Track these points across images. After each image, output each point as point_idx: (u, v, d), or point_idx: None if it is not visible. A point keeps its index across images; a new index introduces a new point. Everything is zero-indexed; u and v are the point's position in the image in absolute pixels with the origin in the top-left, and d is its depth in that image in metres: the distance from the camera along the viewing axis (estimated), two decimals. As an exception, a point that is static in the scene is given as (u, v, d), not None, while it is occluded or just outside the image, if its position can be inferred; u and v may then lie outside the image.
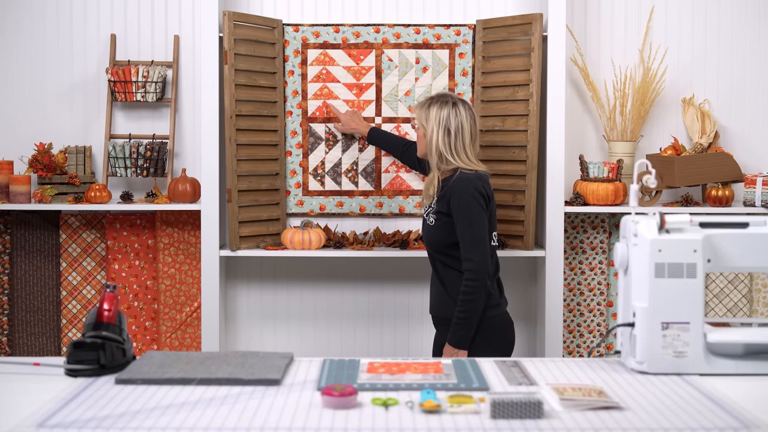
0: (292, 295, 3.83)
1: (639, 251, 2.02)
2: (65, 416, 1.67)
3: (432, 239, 2.95)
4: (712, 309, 3.65)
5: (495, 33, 3.62)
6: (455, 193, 2.86)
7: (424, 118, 2.96)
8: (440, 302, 2.98)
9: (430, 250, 2.98)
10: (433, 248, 2.96)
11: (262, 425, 1.63)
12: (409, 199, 3.73)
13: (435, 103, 2.95)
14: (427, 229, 2.97)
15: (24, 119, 3.76)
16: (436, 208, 2.93)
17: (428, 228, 2.96)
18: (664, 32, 3.78)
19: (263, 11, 3.74)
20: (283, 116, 3.70)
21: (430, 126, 2.94)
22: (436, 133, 2.93)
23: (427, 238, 2.97)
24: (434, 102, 2.95)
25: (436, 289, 3.01)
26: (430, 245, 2.97)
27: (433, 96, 2.99)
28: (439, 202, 2.92)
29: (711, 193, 3.58)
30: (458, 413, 1.70)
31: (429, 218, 2.96)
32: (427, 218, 2.97)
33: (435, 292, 3.02)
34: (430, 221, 2.95)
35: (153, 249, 3.75)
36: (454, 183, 2.89)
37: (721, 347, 2.03)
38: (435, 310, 3.03)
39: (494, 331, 2.90)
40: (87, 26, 3.76)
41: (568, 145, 3.69)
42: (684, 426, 1.63)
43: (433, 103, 2.95)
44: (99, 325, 2.03)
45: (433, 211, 2.93)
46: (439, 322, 3.02)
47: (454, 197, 2.86)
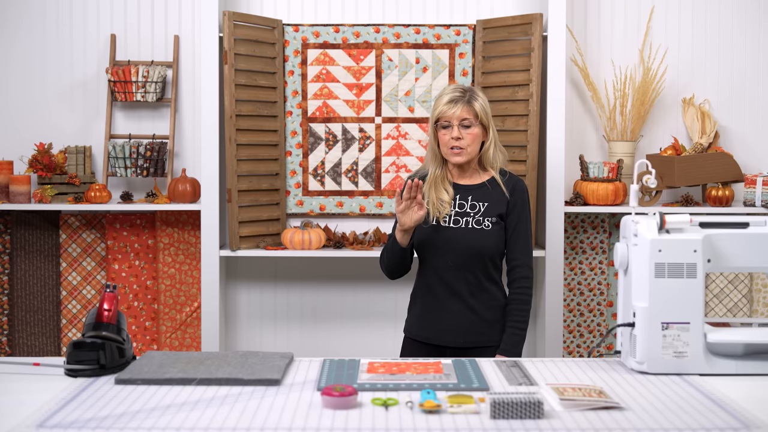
0: (292, 295, 3.83)
1: (639, 251, 2.02)
2: (65, 416, 1.67)
3: (486, 246, 2.61)
4: (712, 309, 3.65)
5: (495, 33, 3.62)
6: (521, 194, 2.67)
7: (483, 113, 2.64)
8: (470, 329, 2.62)
9: (478, 260, 2.62)
10: (485, 257, 2.62)
11: (262, 425, 1.62)
12: (409, 199, 3.73)
13: (479, 93, 2.68)
14: (479, 235, 2.61)
15: (24, 119, 3.76)
16: (493, 212, 2.63)
17: (482, 234, 2.61)
18: (664, 32, 3.77)
19: (263, 11, 3.74)
20: (283, 116, 3.70)
21: (490, 119, 2.67)
22: (493, 127, 2.69)
23: (478, 245, 2.61)
24: (478, 92, 2.67)
25: (455, 313, 2.63)
26: (482, 253, 2.61)
27: (465, 87, 2.67)
28: (496, 205, 2.64)
29: (711, 193, 3.58)
30: (458, 413, 1.70)
31: (484, 222, 2.62)
32: (477, 223, 2.62)
33: (456, 318, 2.63)
34: (485, 225, 2.62)
35: (153, 249, 3.75)
36: (519, 184, 2.69)
37: (721, 347, 2.03)
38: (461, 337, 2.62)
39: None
40: (87, 26, 3.76)
41: (568, 145, 3.69)
42: (684, 426, 1.62)
43: (480, 93, 2.68)
44: (99, 325, 2.03)
45: (489, 215, 2.63)
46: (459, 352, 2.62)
47: (520, 198, 2.66)
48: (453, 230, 2.64)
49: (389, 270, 2.72)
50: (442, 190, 2.67)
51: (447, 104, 2.63)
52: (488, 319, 2.64)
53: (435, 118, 2.66)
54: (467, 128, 2.62)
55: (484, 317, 2.63)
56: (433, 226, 2.65)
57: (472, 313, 2.63)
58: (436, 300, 2.66)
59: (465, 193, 2.68)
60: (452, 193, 2.67)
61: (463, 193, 2.68)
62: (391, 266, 2.70)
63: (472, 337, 2.62)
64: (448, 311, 2.64)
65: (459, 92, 2.64)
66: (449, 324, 2.63)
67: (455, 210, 2.65)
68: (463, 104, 2.61)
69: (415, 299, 2.75)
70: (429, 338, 2.65)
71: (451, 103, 2.62)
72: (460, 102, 2.62)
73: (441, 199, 2.65)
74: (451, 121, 2.62)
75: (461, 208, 2.65)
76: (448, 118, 2.62)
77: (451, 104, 2.62)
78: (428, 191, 2.68)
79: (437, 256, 2.64)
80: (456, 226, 2.64)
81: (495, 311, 2.65)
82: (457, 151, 2.63)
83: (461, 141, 2.62)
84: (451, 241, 2.62)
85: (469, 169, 2.70)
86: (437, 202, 2.65)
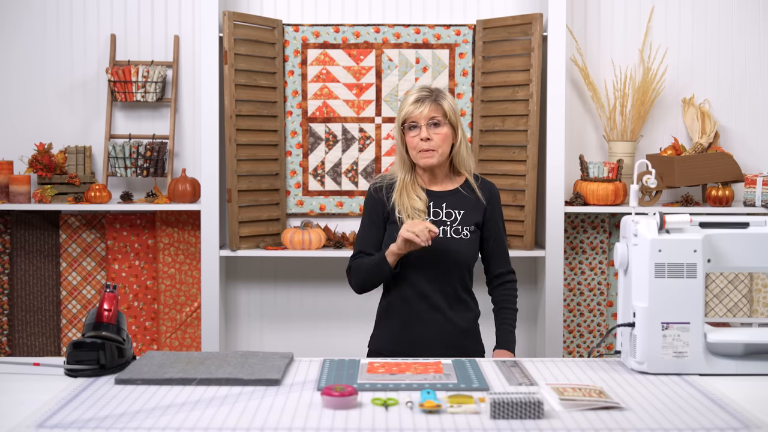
0: (292, 295, 3.83)
1: (639, 251, 2.02)
2: (65, 416, 1.67)
3: (465, 257, 2.51)
4: (712, 309, 3.65)
5: (495, 33, 3.62)
6: (497, 200, 2.59)
7: (452, 112, 2.51)
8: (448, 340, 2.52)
9: (457, 271, 2.52)
10: (463, 268, 2.53)
11: (262, 425, 1.62)
12: (409, 199, 3.73)
13: (446, 93, 2.56)
14: (458, 246, 2.50)
15: (24, 119, 3.76)
16: (470, 220, 2.53)
17: (460, 244, 2.50)
18: (664, 32, 3.77)
19: (263, 11, 3.74)
20: (283, 116, 3.70)
21: (459, 119, 2.55)
22: (462, 127, 2.56)
23: (458, 256, 2.50)
24: (445, 92, 2.56)
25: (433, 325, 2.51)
26: (461, 264, 2.51)
27: (431, 87, 2.55)
28: (473, 212, 2.54)
29: (711, 193, 3.58)
30: (458, 413, 1.69)
31: (463, 231, 2.51)
32: (456, 233, 2.51)
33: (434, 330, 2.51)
34: (464, 235, 2.50)
35: (153, 249, 3.75)
36: (493, 188, 2.60)
37: (721, 347, 2.03)
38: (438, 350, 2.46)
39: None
40: (87, 26, 3.76)
41: (568, 145, 3.69)
42: (684, 426, 1.62)
43: (447, 93, 2.56)
44: (99, 325, 2.03)
45: (467, 224, 2.51)
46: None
47: (497, 205, 2.58)
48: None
49: (363, 287, 2.57)
50: (415, 197, 2.52)
51: (413, 104, 2.49)
52: (464, 329, 2.55)
53: (401, 119, 2.51)
54: (436, 127, 2.48)
55: (461, 327, 2.54)
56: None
57: (450, 325, 2.51)
58: (413, 313, 2.51)
59: (438, 200, 2.54)
60: (426, 199, 2.52)
61: (437, 200, 2.54)
62: (367, 284, 2.56)
63: (449, 350, 2.46)
64: (426, 323, 2.50)
65: (426, 92, 2.51)
66: (426, 336, 2.50)
67: (430, 219, 2.51)
68: (430, 103, 2.48)
69: (387, 312, 2.58)
70: (405, 353, 2.44)
71: (417, 102, 2.48)
72: (427, 101, 2.48)
73: (415, 207, 2.50)
74: (418, 122, 2.48)
75: (436, 216, 2.52)
76: (415, 118, 2.48)
77: (418, 104, 2.48)
78: (399, 199, 2.52)
79: (414, 267, 2.48)
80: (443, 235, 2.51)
81: (470, 321, 2.57)
82: (428, 153, 2.48)
83: (431, 142, 2.47)
84: (430, 253, 2.45)
85: (441, 173, 2.56)
86: (411, 211, 2.50)
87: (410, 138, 2.50)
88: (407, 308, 2.52)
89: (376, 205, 2.57)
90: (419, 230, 2.35)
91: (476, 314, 2.61)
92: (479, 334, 2.63)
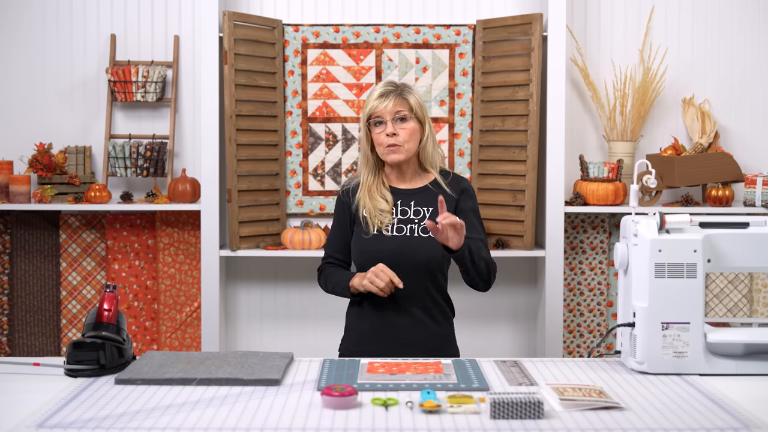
0: (292, 295, 3.83)
1: (639, 251, 2.02)
2: (65, 416, 1.67)
3: (435, 256, 2.41)
4: (712, 309, 3.65)
5: (495, 33, 3.62)
6: (470, 194, 2.50)
7: (419, 106, 2.46)
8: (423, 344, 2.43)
9: (426, 271, 2.43)
10: (433, 267, 2.44)
11: (262, 425, 1.62)
12: (409, 199, 3.73)
13: (413, 88, 2.50)
14: (426, 245, 2.41)
15: (24, 119, 3.76)
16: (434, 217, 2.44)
17: (428, 243, 2.40)
18: (664, 32, 3.77)
19: (263, 11, 3.74)
20: (283, 116, 3.70)
21: (426, 114, 2.48)
22: (430, 123, 2.49)
23: (426, 255, 2.41)
24: (411, 87, 2.49)
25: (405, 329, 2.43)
26: (430, 263, 2.43)
27: (397, 82, 2.49)
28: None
29: (711, 193, 3.58)
30: (458, 413, 1.70)
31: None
32: (423, 231, 2.43)
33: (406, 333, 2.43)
34: (428, 234, 2.42)
35: (153, 249, 3.75)
36: (464, 183, 2.51)
37: (721, 347, 2.03)
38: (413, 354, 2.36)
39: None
40: (87, 26, 3.76)
41: (568, 145, 3.69)
42: (684, 426, 1.62)
43: (414, 88, 2.50)
44: (99, 325, 2.03)
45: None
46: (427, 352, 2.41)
47: (469, 198, 2.49)
48: (396, 240, 2.43)
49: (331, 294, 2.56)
50: (379, 198, 2.45)
51: (378, 98, 2.42)
52: (438, 333, 2.46)
53: (366, 115, 2.44)
54: (402, 122, 2.41)
55: (434, 331, 2.45)
56: (375, 237, 2.44)
57: (422, 328, 2.43)
58: (383, 317, 2.44)
59: (407, 198, 2.47)
60: (391, 199, 2.46)
61: (405, 198, 2.47)
62: (333, 294, 2.54)
63: (422, 354, 2.35)
64: (396, 326, 2.43)
65: (391, 86, 2.45)
66: (397, 340, 2.42)
67: (398, 217, 2.45)
68: (395, 97, 2.42)
69: (357, 316, 2.52)
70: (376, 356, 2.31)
71: (382, 97, 2.42)
72: (392, 95, 2.42)
73: (379, 209, 2.43)
74: (383, 117, 2.41)
75: (404, 215, 2.45)
76: (380, 113, 2.41)
77: (383, 98, 2.42)
78: (363, 201, 2.46)
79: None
80: (400, 234, 2.43)
81: (444, 325, 2.49)
82: (394, 148, 2.42)
83: (397, 137, 2.41)
84: (396, 253, 2.40)
85: (409, 170, 2.49)
86: (375, 212, 2.44)
87: (376, 134, 2.44)
88: (377, 312, 2.45)
89: (342, 208, 2.54)
90: (382, 286, 2.30)
91: (450, 317, 2.53)
92: (454, 339, 2.55)
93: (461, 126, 3.70)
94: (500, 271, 3.79)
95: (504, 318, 3.83)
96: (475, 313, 3.77)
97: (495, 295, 3.80)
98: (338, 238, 2.55)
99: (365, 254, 2.44)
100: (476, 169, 3.69)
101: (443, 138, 3.70)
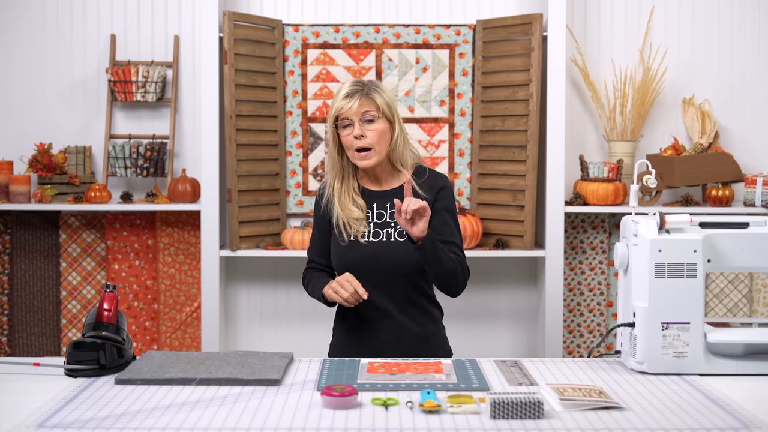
0: (292, 295, 3.83)
1: (639, 251, 2.02)
2: (65, 416, 1.67)
3: (413, 259, 2.29)
4: (712, 309, 3.65)
5: (495, 33, 3.62)
6: (447, 191, 2.38)
7: (386, 105, 2.33)
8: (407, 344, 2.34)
9: (404, 275, 2.34)
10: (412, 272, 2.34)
11: (262, 425, 1.62)
12: (409, 199, 3.73)
13: (381, 86, 2.38)
14: (404, 249, 2.31)
15: (24, 119, 3.76)
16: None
17: (407, 246, 2.29)
18: (664, 32, 3.77)
19: (263, 11, 3.74)
20: (283, 116, 3.70)
21: (395, 112, 2.36)
22: (400, 121, 2.38)
23: (404, 260, 2.31)
24: (379, 85, 2.38)
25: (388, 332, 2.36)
26: (409, 268, 2.33)
27: (364, 81, 2.37)
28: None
29: (711, 193, 3.58)
30: (458, 413, 1.69)
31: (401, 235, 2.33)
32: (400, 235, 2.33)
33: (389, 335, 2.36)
34: (405, 238, 2.31)
35: (153, 249, 3.75)
36: (440, 179, 2.39)
37: (721, 347, 2.03)
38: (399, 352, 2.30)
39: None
40: (87, 26, 3.76)
41: (568, 145, 3.69)
42: (684, 426, 1.62)
43: (382, 87, 2.38)
44: (99, 325, 2.03)
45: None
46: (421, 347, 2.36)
47: (446, 196, 2.37)
48: (373, 245, 2.33)
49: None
50: (351, 207, 2.35)
51: (344, 99, 2.30)
52: (422, 335, 2.37)
53: (333, 117, 2.33)
54: (370, 123, 2.29)
55: (417, 333, 2.36)
56: (351, 243, 2.35)
57: (404, 331, 2.35)
58: (365, 321, 2.37)
59: (382, 201, 2.36)
60: (364, 205, 2.36)
61: (380, 200, 2.36)
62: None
63: (411, 351, 2.30)
64: (379, 331, 2.35)
65: (357, 85, 2.32)
66: (381, 344, 2.34)
67: (374, 221, 2.35)
68: (360, 97, 2.29)
69: (341, 319, 2.45)
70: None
71: (348, 97, 2.30)
72: (357, 95, 2.30)
73: (352, 217, 2.34)
74: (350, 117, 2.29)
75: (380, 218, 2.35)
76: (346, 114, 2.30)
77: (348, 98, 2.30)
78: (333, 210, 2.37)
79: (359, 276, 2.29)
80: (376, 240, 2.33)
81: (430, 327, 2.40)
82: (363, 154, 2.30)
83: (365, 139, 2.29)
84: (373, 258, 2.32)
85: (384, 172, 2.38)
86: (348, 221, 2.34)
87: (345, 137, 2.32)
88: (358, 318, 2.38)
89: (318, 213, 2.45)
90: (346, 296, 2.23)
91: (436, 318, 2.43)
92: (444, 340, 2.46)
93: (461, 126, 3.70)
94: (500, 271, 3.80)
95: (504, 318, 3.83)
96: (475, 313, 3.77)
97: (495, 295, 3.80)
98: (318, 242, 2.47)
99: (342, 260, 2.37)
100: (476, 169, 3.69)
101: (443, 138, 3.70)
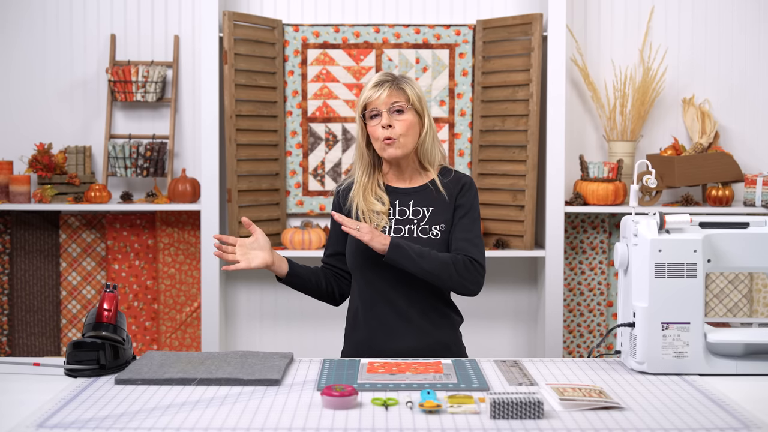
0: (292, 295, 3.83)
1: (639, 251, 2.02)
2: (65, 416, 1.66)
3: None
4: (712, 309, 3.65)
5: (495, 33, 3.62)
6: (471, 191, 2.31)
7: (416, 97, 2.28)
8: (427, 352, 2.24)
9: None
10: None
11: (262, 425, 1.62)
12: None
13: (411, 80, 2.32)
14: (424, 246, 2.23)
15: (24, 119, 3.76)
16: (439, 218, 2.28)
17: (428, 244, 2.24)
18: (664, 32, 3.77)
19: (263, 11, 3.74)
20: (283, 116, 3.70)
21: (425, 107, 2.31)
22: (430, 117, 2.32)
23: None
24: (410, 79, 2.32)
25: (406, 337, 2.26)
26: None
27: (394, 73, 2.33)
28: (444, 209, 2.28)
29: (711, 193, 3.58)
30: (458, 413, 1.69)
31: (431, 231, 2.26)
32: (423, 232, 2.27)
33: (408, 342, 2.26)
34: (433, 234, 2.26)
35: (153, 249, 3.75)
36: (466, 179, 2.33)
37: (721, 347, 2.03)
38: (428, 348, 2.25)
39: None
40: (87, 26, 3.76)
41: (568, 145, 3.69)
42: (684, 426, 1.62)
43: (413, 80, 2.32)
44: (99, 325, 2.02)
45: (436, 222, 2.27)
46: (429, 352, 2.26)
47: (469, 195, 2.30)
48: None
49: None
50: (373, 200, 2.28)
51: (373, 88, 2.25)
52: (444, 342, 2.29)
53: (361, 106, 2.27)
54: (399, 114, 2.24)
55: (440, 340, 2.28)
56: None
57: (426, 336, 2.26)
58: (383, 324, 2.27)
59: (405, 198, 2.30)
60: (387, 200, 2.30)
61: (403, 197, 2.30)
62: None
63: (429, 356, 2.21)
64: (397, 335, 2.26)
65: (387, 76, 2.28)
66: (400, 350, 2.24)
67: (395, 218, 2.28)
68: (390, 86, 2.24)
69: (355, 321, 2.35)
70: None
71: (377, 86, 2.25)
72: (388, 84, 2.24)
73: (374, 210, 2.27)
74: (379, 108, 2.24)
75: (402, 215, 2.28)
76: (375, 103, 2.24)
77: (377, 87, 2.24)
78: (356, 202, 2.30)
79: (378, 273, 2.24)
80: (398, 236, 2.26)
81: (450, 333, 2.32)
82: (390, 142, 2.23)
83: (392, 129, 2.23)
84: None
85: (408, 168, 2.32)
86: (370, 214, 2.27)
87: (372, 127, 2.26)
88: (376, 319, 2.28)
89: (335, 210, 2.37)
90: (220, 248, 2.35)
91: (456, 324, 2.35)
92: (463, 347, 2.38)
93: (461, 126, 3.70)
94: (500, 271, 3.80)
95: (504, 318, 3.83)
96: (475, 313, 3.77)
97: (495, 295, 3.80)
98: (332, 242, 2.40)
99: (360, 258, 2.28)
100: (476, 169, 3.69)
101: (443, 138, 3.70)
